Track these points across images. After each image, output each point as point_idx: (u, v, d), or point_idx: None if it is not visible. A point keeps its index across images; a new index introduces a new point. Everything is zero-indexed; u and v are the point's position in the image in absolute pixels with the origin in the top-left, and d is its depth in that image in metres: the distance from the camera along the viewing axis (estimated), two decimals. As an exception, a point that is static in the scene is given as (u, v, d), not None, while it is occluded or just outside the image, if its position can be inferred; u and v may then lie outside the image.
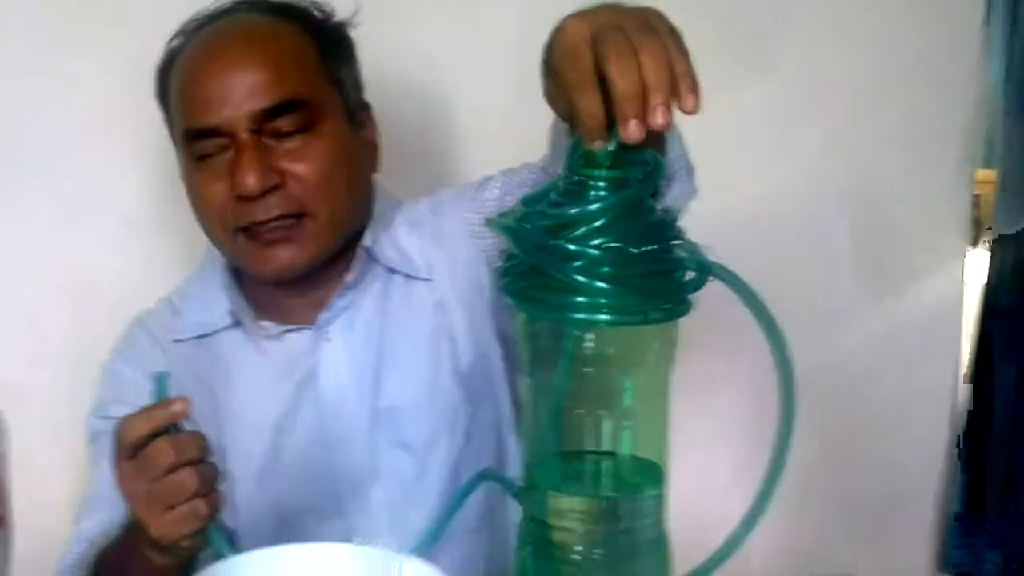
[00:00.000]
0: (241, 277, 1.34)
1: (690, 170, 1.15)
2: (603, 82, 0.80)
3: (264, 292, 1.32)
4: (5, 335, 1.50)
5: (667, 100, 0.79)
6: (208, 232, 1.29)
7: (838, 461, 1.84)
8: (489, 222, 0.86)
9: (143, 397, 1.28)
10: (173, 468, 1.01)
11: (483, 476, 1.11)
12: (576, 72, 0.80)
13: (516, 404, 1.34)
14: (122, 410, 1.28)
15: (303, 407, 1.30)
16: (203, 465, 1.03)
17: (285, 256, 1.24)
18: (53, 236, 1.62)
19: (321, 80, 1.27)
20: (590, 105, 0.80)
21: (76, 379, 1.40)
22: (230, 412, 1.30)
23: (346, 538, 1.27)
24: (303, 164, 1.23)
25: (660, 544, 0.86)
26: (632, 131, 0.78)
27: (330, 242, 1.27)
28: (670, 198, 1.12)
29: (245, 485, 1.29)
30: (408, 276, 1.32)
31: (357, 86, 1.33)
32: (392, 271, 1.32)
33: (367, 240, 1.30)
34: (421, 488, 1.28)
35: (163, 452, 1.01)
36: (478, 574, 1.31)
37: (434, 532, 1.05)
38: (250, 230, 1.23)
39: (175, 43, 1.30)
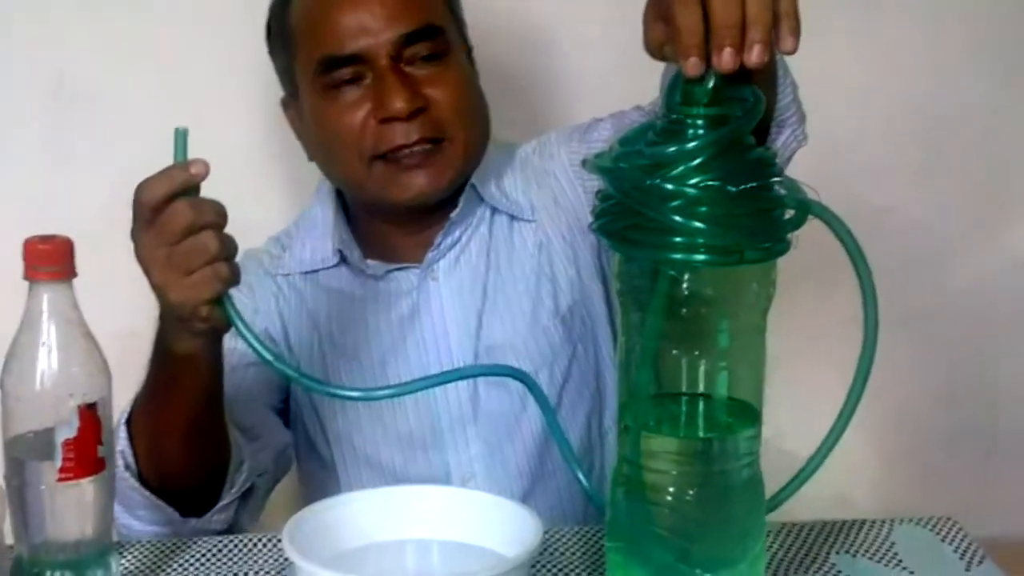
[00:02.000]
0: (350, 216, 1.36)
1: (802, 117, 1.15)
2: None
3: (373, 230, 1.34)
4: (113, 283, 1.53)
5: (765, 38, 0.79)
6: (336, 164, 1.30)
7: (944, 399, 1.82)
8: (586, 162, 0.86)
9: (254, 321, 1.28)
10: (192, 230, 0.97)
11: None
12: None
13: (615, 343, 1.34)
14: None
15: (407, 344, 1.32)
16: (222, 231, 1.00)
17: (423, 181, 1.26)
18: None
19: (448, 13, 1.31)
20: (690, 19, 0.79)
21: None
22: (336, 346, 1.33)
23: (444, 472, 1.31)
24: (442, 89, 1.26)
25: (754, 485, 0.86)
26: (726, 59, 0.78)
27: (464, 168, 1.30)
28: (780, 143, 1.13)
29: (348, 417, 1.32)
30: (512, 216, 1.34)
31: (465, 24, 1.36)
32: (496, 211, 1.34)
33: (473, 178, 1.32)
34: (519, 427, 1.31)
35: (181, 212, 0.97)
36: (576, 514, 1.32)
37: None
38: (388, 157, 1.25)
39: None
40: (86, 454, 0.88)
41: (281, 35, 1.32)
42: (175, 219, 0.97)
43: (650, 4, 0.84)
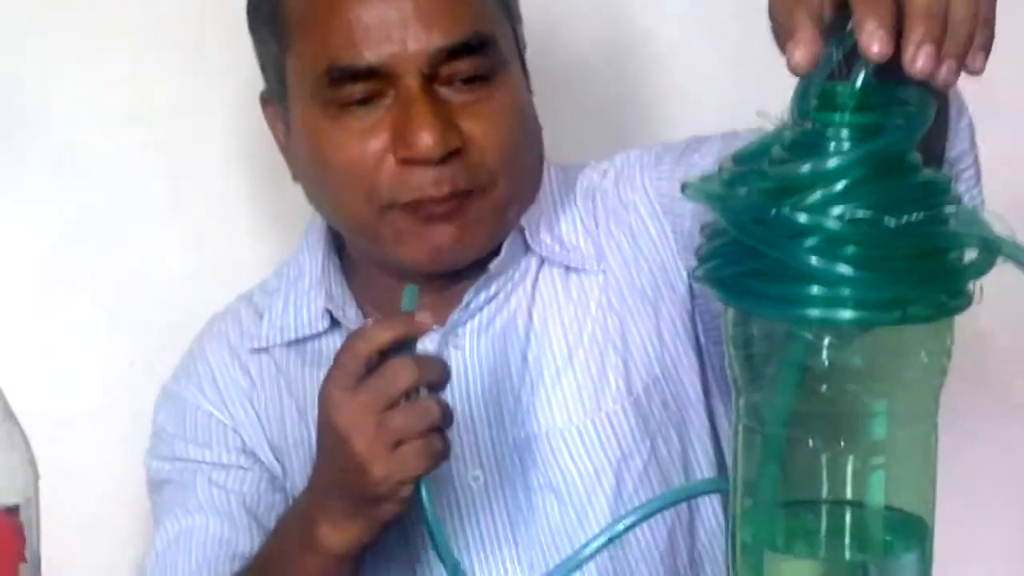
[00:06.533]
0: (350, 263, 1.30)
1: (978, 172, 1.10)
2: None
3: (378, 283, 1.27)
4: (47, 355, 1.51)
5: (964, 52, 0.75)
6: (335, 203, 1.24)
7: None
8: (687, 187, 0.80)
9: (218, 431, 1.30)
10: (412, 391, 1.04)
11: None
12: None
13: (715, 437, 1.29)
14: (193, 451, 1.29)
15: None
16: (440, 396, 1.07)
17: (449, 239, 1.20)
18: (98, 229, 1.58)
19: (500, 12, 1.24)
20: None
21: (132, 408, 1.41)
22: None
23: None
24: (486, 123, 1.20)
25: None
26: (922, 62, 0.74)
27: (505, 225, 1.24)
28: None
29: None
30: (567, 268, 1.28)
31: (520, 19, 1.29)
32: (546, 260, 1.28)
33: (522, 220, 1.25)
34: (576, 542, 1.22)
35: (405, 370, 1.04)
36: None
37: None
38: (407, 206, 1.18)
39: None
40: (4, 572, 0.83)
41: (271, 17, 1.24)
42: (397, 377, 1.04)
43: None
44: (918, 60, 0.73)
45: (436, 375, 1.06)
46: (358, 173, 1.19)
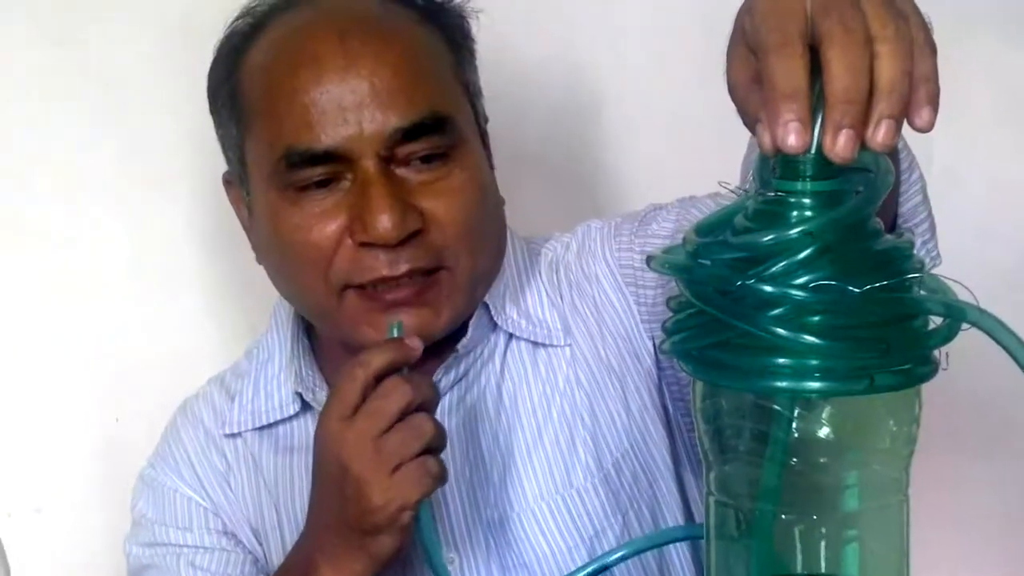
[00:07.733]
0: (320, 345, 1.27)
1: (933, 226, 1.08)
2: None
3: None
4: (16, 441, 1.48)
5: (899, 113, 0.73)
6: (294, 285, 1.21)
7: None
8: (652, 260, 0.79)
9: (198, 513, 1.27)
10: (408, 411, 1.05)
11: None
12: (780, 33, 0.72)
13: (687, 509, 1.26)
14: (174, 535, 1.26)
15: None
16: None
17: (411, 324, 1.15)
18: (63, 302, 1.56)
19: (458, 89, 1.21)
20: (788, 67, 0.71)
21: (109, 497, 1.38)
22: (299, 528, 1.21)
23: None
24: (445, 202, 1.16)
25: None
26: (842, 145, 0.72)
27: (469, 303, 1.20)
28: None
29: None
30: (535, 343, 1.25)
31: (480, 94, 1.26)
32: (513, 336, 1.26)
33: (487, 296, 1.23)
34: None
35: (398, 389, 1.05)
36: None
37: None
38: (366, 288, 1.16)
39: (242, 24, 1.23)
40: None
41: (230, 102, 1.22)
42: (392, 397, 1.05)
43: (735, 28, 0.76)
44: (836, 145, 0.72)
45: (428, 393, 1.07)
46: (316, 255, 1.16)
